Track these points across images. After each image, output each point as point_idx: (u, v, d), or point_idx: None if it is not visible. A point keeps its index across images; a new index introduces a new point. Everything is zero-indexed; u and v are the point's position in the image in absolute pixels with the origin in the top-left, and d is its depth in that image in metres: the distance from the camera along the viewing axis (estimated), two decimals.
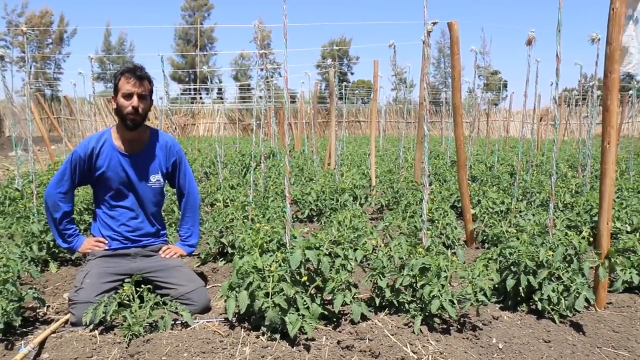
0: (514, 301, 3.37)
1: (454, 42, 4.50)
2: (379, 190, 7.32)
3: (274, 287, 2.76)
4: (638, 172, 9.04)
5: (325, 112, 29.90)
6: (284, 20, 2.96)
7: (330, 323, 3.05)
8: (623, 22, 3.12)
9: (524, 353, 2.82)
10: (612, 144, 3.29)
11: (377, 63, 7.43)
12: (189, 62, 47.72)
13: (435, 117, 28.66)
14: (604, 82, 3.27)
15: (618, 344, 2.98)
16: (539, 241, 3.41)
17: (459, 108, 4.65)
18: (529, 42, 4.87)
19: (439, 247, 3.59)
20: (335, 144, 8.74)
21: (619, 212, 5.13)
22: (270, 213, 4.99)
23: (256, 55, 5.42)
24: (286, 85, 3.06)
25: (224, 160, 10.78)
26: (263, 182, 6.56)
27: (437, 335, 2.94)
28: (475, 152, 12.87)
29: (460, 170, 4.81)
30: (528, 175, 7.73)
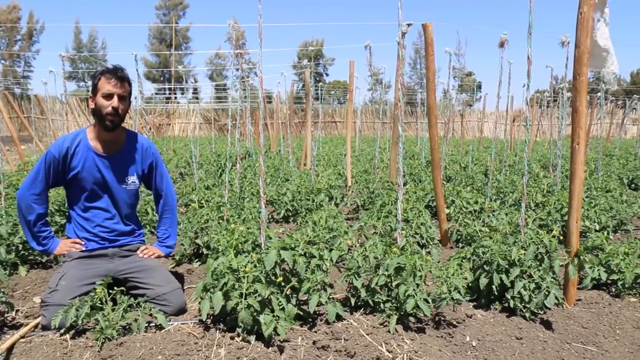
0: (487, 299, 3.42)
1: (429, 44, 4.54)
2: (355, 190, 7.35)
3: (248, 288, 2.75)
4: (606, 172, 9.27)
5: (301, 112, 29.90)
6: (259, 20, 2.95)
7: (306, 323, 3.05)
8: (591, 26, 3.20)
9: (497, 350, 2.86)
10: (581, 145, 3.36)
11: (352, 64, 7.45)
12: (163, 62, 47.20)
13: (411, 118, 28.90)
14: (573, 84, 3.34)
15: (586, 340, 3.05)
16: (511, 240, 3.47)
17: (433, 109, 4.70)
18: (502, 45, 4.95)
19: (413, 247, 3.62)
20: (311, 144, 8.74)
21: (588, 211, 5.25)
22: (245, 214, 4.97)
23: (231, 55, 5.38)
24: (261, 85, 3.05)
25: (199, 161, 10.69)
26: (239, 183, 6.52)
27: (412, 334, 2.97)
28: (450, 152, 13.02)
29: (434, 171, 4.85)
30: (501, 175, 7.85)
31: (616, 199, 6.20)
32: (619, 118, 22.34)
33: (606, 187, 7.05)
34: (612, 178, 8.48)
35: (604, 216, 5.28)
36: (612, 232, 5.37)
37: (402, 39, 3.52)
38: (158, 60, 48.29)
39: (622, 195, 6.63)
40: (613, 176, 8.91)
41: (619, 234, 5.51)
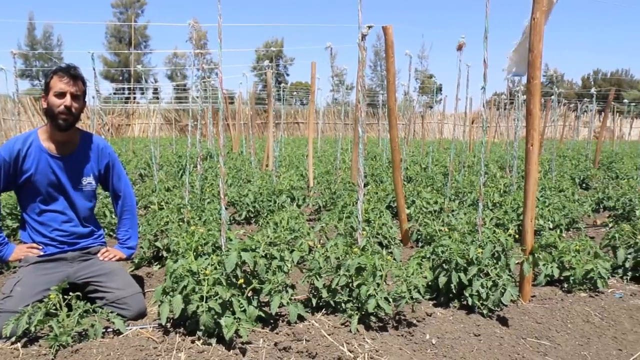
0: (447, 298, 3.49)
1: (389, 46, 4.60)
2: (317, 191, 7.37)
3: (208, 290, 2.72)
4: (560, 172, 9.58)
5: (264, 113, 29.77)
6: (218, 20, 2.93)
7: (268, 325, 3.04)
8: (543, 31, 3.30)
9: (456, 347, 2.92)
10: (535, 146, 3.47)
11: (314, 65, 7.47)
12: (122, 61, 46.18)
13: (373, 119, 29.18)
14: (527, 87, 3.45)
15: (540, 334, 3.15)
16: (469, 239, 3.54)
17: (393, 110, 4.76)
18: (460, 48, 5.06)
19: (374, 247, 3.66)
20: (273, 145, 8.72)
21: (542, 210, 5.42)
22: (206, 215, 4.92)
23: (192, 55, 5.32)
24: (221, 85, 3.02)
25: (159, 162, 10.51)
26: (199, 184, 6.45)
27: (373, 334, 3.00)
28: (411, 153, 13.21)
29: (395, 171, 4.92)
30: (460, 176, 8.01)
31: (568, 198, 6.42)
32: (572, 120, 23.15)
33: (559, 186, 7.29)
34: (565, 178, 8.77)
35: (557, 215, 5.45)
36: (564, 230, 5.55)
37: (362, 41, 3.55)
38: (117, 59, 47.21)
39: (574, 194, 6.87)
40: (566, 176, 9.21)
41: (571, 232, 5.70)
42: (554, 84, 9.13)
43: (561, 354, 2.96)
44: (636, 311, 3.54)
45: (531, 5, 3.32)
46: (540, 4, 3.29)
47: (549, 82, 16.51)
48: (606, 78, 44.19)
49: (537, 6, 3.30)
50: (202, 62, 7.07)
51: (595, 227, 6.28)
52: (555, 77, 9.21)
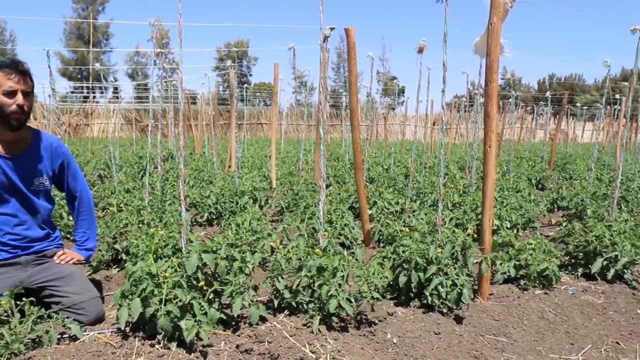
0: (407, 297, 3.53)
1: (351, 48, 4.63)
2: (280, 192, 7.36)
3: (168, 293, 2.68)
4: (517, 173, 9.85)
5: (226, 113, 29.50)
6: (178, 20, 2.89)
7: (230, 327, 3.01)
8: (500, 35, 3.39)
9: (417, 346, 2.97)
10: (493, 148, 3.55)
11: (277, 66, 7.46)
12: (80, 59, 44.95)
13: (336, 120, 29.31)
14: (485, 90, 3.53)
15: (498, 331, 3.23)
16: (429, 239, 3.60)
17: (355, 112, 4.79)
18: (420, 50, 5.13)
19: (336, 248, 3.68)
20: (236, 146, 8.66)
21: (500, 210, 5.56)
22: (167, 217, 4.84)
23: (153, 54, 5.23)
24: (181, 85, 2.98)
25: (119, 163, 10.28)
26: (160, 185, 6.34)
27: (335, 334, 3.01)
28: (373, 154, 13.33)
29: (357, 172, 4.95)
30: (421, 177, 8.14)
31: (525, 199, 6.60)
32: (529, 123, 23.82)
33: (517, 187, 7.49)
34: (522, 179, 9.02)
35: (514, 214, 5.60)
36: (521, 229, 5.71)
37: (324, 43, 3.57)
38: (75, 57, 45.91)
39: (530, 194, 7.07)
40: (523, 177, 9.47)
41: (528, 231, 5.87)
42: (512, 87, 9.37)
43: (517, 349, 3.05)
44: (587, 306, 3.67)
45: (488, 10, 3.40)
46: (497, 9, 3.38)
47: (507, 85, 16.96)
48: (560, 82, 45.67)
49: (494, 11, 3.39)
50: (163, 61, 6.96)
51: (550, 226, 6.48)
52: (512, 80, 9.44)
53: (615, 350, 3.09)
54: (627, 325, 3.44)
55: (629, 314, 3.63)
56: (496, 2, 3.36)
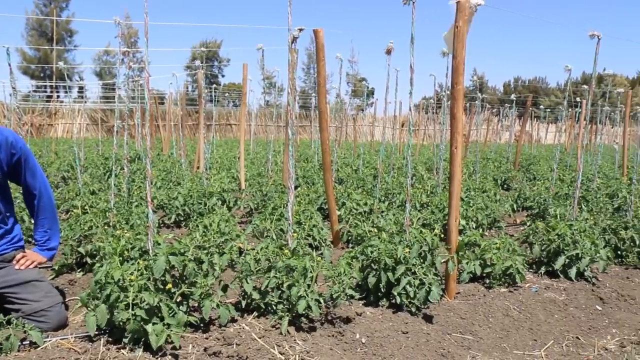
0: (376, 297, 3.56)
1: (320, 49, 4.64)
2: (249, 193, 7.32)
3: (135, 297, 2.64)
4: (483, 173, 10.04)
5: (195, 114, 29.17)
6: (145, 19, 2.85)
7: (198, 330, 2.99)
8: (466, 39, 3.45)
9: (385, 345, 3.00)
10: (459, 149, 3.62)
11: (246, 66, 7.42)
12: (43, 57, 43.75)
13: (305, 121, 29.33)
14: (451, 92, 3.59)
15: (464, 329, 3.29)
16: (397, 239, 3.64)
17: (324, 113, 4.81)
18: (388, 52, 5.18)
19: (305, 248, 3.68)
20: (204, 147, 8.58)
21: (466, 210, 5.65)
22: (134, 219, 4.76)
23: (119, 53, 5.14)
24: (147, 85, 2.94)
25: (84, 164, 10.06)
26: (127, 187, 6.23)
27: (304, 335, 3.02)
28: (342, 155, 13.38)
29: (326, 173, 4.97)
30: (390, 178, 8.21)
31: (491, 199, 6.73)
32: (495, 125, 24.28)
33: (483, 187, 7.63)
34: (488, 179, 9.19)
35: (480, 214, 5.71)
36: (487, 228, 5.82)
37: (293, 44, 3.57)
38: (38, 55, 44.65)
39: (496, 195, 7.21)
40: (489, 177, 9.66)
41: (493, 231, 5.99)
42: (478, 89, 9.56)
43: (483, 347, 3.11)
44: (549, 303, 3.77)
45: (454, 14, 3.46)
46: (463, 12, 3.44)
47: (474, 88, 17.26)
48: (525, 85, 46.76)
49: (460, 15, 3.45)
50: (131, 61, 6.84)
51: (514, 226, 6.63)
52: (479, 83, 9.63)
53: (576, 345, 3.19)
54: (587, 321, 3.54)
55: (588, 309, 3.74)
56: (462, 6, 3.42)
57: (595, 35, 4.65)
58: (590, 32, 4.62)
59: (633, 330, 3.40)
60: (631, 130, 16.14)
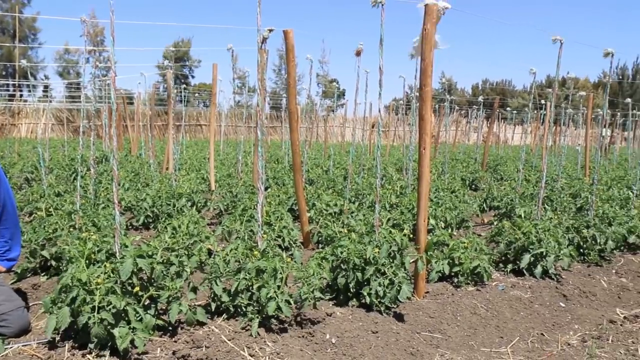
0: (346, 297, 3.58)
1: (290, 50, 4.64)
2: (218, 194, 7.26)
3: (101, 300, 2.59)
4: (452, 174, 10.18)
5: (165, 114, 28.75)
6: (111, 17, 2.81)
7: (166, 333, 2.95)
8: (434, 41, 3.50)
9: (355, 345, 3.01)
10: (427, 150, 3.66)
11: (216, 66, 7.37)
12: (6, 55, 42.51)
13: (276, 122, 29.26)
14: (419, 93, 3.64)
15: (433, 328, 3.34)
16: (366, 240, 3.66)
17: (294, 114, 4.81)
18: (358, 54, 5.21)
19: (275, 250, 3.67)
20: (173, 148, 8.47)
21: (435, 210, 5.72)
22: (100, 221, 4.67)
23: (85, 52, 5.04)
24: (114, 84, 2.89)
25: (49, 165, 9.81)
26: (93, 188, 6.10)
27: (275, 336, 3.01)
28: (313, 156, 13.39)
29: (296, 174, 4.97)
30: (360, 178, 8.25)
31: (459, 199, 6.83)
32: (463, 126, 24.70)
33: (451, 188, 7.74)
34: (456, 180, 9.32)
35: (449, 214, 5.79)
36: (455, 228, 5.91)
37: (263, 45, 3.56)
38: (0, 52, 43.35)
39: (464, 195, 7.32)
40: (457, 178, 9.80)
41: (461, 230, 6.08)
42: (447, 91, 9.70)
43: (451, 345, 3.15)
44: (515, 301, 3.85)
45: (422, 17, 3.51)
46: (430, 15, 3.49)
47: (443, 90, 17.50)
48: (493, 87, 47.62)
49: (428, 18, 3.50)
50: (97, 59, 6.71)
51: (482, 225, 6.74)
52: (448, 85, 9.76)
53: (540, 341, 3.26)
54: (551, 318, 3.64)
55: (552, 306, 3.84)
56: (430, 9, 3.47)
57: (558, 39, 4.77)
58: (553, 37, 4.74)
59: (594, 326, 3.50)
60: (592, 132, 16.62)
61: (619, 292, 4.22)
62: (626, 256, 5.25)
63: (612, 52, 5.01)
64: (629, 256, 5.26)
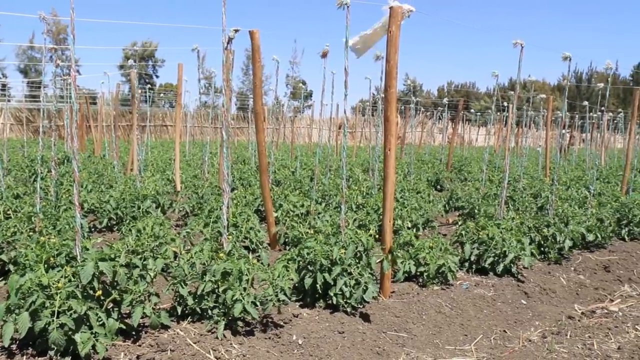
0: (313, 298, 3.59)
1: (255, 50, 4.62)
2: (184, 196, 7.17)
3: (61, 305, 2.53)
4: (417, 175, 10.31)
5: (129, 114, 28.22)
6: (71, 15, 2.74)
7: (130, 337, 2.90)
8: (399, 43, 3.54)
9: (322, 346, 3.02)
10: (393, 151, 3.70)
11: (181, 66, 7.28)
12: None
13: (244, 123, 29.08)
14: (384, 95, 3.67)
15: (399, 327, 3.37)
16: (333, 240, 3.68)
17: (260, 115, 4.79)
18: (324, 55, 5.22)
19: (241, 251, 3.65)
20: (137, 148, 8.33)
21: (401, 211, 5.79)
22: (62, 224, 4.56)
23: (46, 50, 4.91)
24: (74, 84, 2.82)
25: (7, 166, 9.51)
26: (54, 190, 5.94)
27: (241, 339, 2.99)
28: (280, 157, 13.36)
29: (262, 175, 4.95)
30: (327, 179, 8.27)
31: (425, 199, 6.93)
32: (429, 127, 25.05)
33: (417, 188, 7.84)
34: (422, 180, 9.45)
35: (414, 215, 5.86)
36: (421, 228, 5.99)
37: (228, 45, 3.54)
38: None
39: (429, 195, 7.43)
40: (423, 179, 9.93)
41: (427, 230, 6.16)
42: (412, 92, 9.81)
43: (417, 343, 3.20)
44: (479, 300, 3.93)
45: (387, 19, 3.54)
46: (395, 18, 3.53)
47: (409, 91, 17.73)
48: (457, 89, 48.42)
49: (393, 20, 3.54)
50: (59, 58, 6.55)
51: (447, 225, 6.85)
52: (413, 86, 9.89)
53: (503, 338, 3.34)
54: (513, 315, 3.72)
55: (514, 304, 3.94)
56: (395, 12, 3.51)
57: (519, 43, 4.89)
58: (514, 41, 4.86)
59: (553, 322, 3.60)
60: (552, 133, 17.10)
61: (577, 289, 4.35)
62: (584, 254, 5.42)
63: (569, 56, 5.17)
64: (587, 254, 5.43)
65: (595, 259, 5.25)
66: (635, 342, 3.23)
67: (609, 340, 3.28)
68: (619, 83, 40.49)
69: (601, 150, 15.54)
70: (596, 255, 5.42)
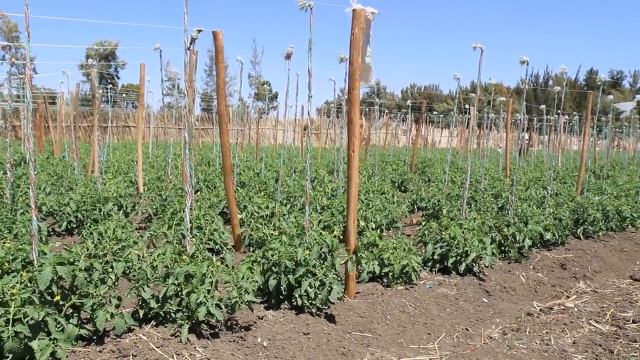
0: (277, 300, 3.58)
1: (219, 51, 4.58)
2: (147, 198, 7.05)
3: (16, 312, 2.45)
4: (382, 176, 10.41)
5: (91, 115, 27.54)
6: (25, 11, 2.67)
7: (91, 343, 2.84)
8: (361, 45, 3.58)
9: (287, 347, 3.02)
10: (356, 152, 3.73)
11: (143, 67, 7.16)
12: None
13: (208, 124, 28.80)
14: (348, 97, 3.70)
15: (364, 327, 3.40)
16: (297, 242, 3.68)
17: (224, 116, 4.76)
18: (288, 56, 5.22)
19: (204, 254, 3.61)
20: (98, 150, 8.14)
21: (366, 212, 5.83)
22: (18, 228, 4.42)
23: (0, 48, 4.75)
24: (30, 83, 2.74)
25: None
26: (10, 193, 5.75)
27: (205, 342, 2.96)
28: (245, 158, 13.27)
29: (226, 177, 4.92)
30: (291, 181, 8.27)
31: (389, 200, 7.00)
32: (393, 129, 25.31)
33: (381, 189, 7.91)
34: (386, 181, 9.54)
35: (379, 215, 5.92)
36: (385, 229, 6.05)
37: (191, 45, 3.50)
38: None
39: (393, 196, 7.51)
40: (387, 180, 10.02)
41: (391, 231, 6.23)
42: (376, 95, 9.90)
43: (381, 343, 3.23)
44: (442, 298, 4.00)
45: (350, 22, 3.57)
46: (358, 20, 3.56)
47: (373, 93, 17.85)
48: (421, 92, 49.07)
49: (356, 22, 3.56)
50: (13, 56, 6.36)
51: (411, 226, 6.94)
52: (377, 88, 9.98)
53: (465, 335, 3.41)
54: (475, 313, 3.81)
55: (476, 302, 4.02)
56: (357, 14, 3.54)
57: (479, 47, 5.00)
58: (474, 44, 4.96)
59: (513, 319, 3.70)
60: (512, 135, 17.54)
61: (535, 287, 4.48)
62: (542, 252, 5.58)
63: (527, 60, 5.32)
64: (545, 252, 5.60)
65: (553, 257, 5.42)
66: (590, 337, 3.35)
67: (565, 335, 3.39)
68: (577, 87, 41.86)
69: (558, 151, 16.02)
70: (554, 253, 5.59)
